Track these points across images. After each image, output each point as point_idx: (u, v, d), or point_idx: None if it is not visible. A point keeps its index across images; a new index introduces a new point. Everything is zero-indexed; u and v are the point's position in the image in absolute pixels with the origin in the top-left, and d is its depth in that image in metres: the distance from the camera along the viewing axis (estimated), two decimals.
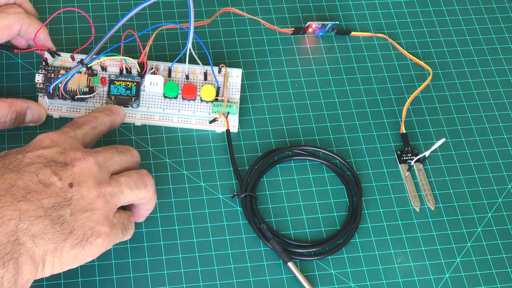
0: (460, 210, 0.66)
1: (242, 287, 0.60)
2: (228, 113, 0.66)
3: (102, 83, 0.65)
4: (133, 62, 0.65)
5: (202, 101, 0.66)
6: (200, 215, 0.63)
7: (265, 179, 0.65)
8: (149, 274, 0.60)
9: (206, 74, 0.67)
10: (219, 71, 0.68)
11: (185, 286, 0.59)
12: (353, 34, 0.74)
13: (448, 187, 0.67)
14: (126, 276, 0.59)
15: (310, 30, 0.73)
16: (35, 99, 0.65)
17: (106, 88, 0.65)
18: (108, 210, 0.52)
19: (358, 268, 0.62)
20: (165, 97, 0.66)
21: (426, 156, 0.65)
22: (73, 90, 0.64)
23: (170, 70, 0.67)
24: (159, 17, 0.73)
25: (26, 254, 0.48)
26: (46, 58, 0.65)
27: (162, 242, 0.61)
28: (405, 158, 0.67)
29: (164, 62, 0.67)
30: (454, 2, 0.78)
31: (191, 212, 0.63)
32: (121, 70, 0.66)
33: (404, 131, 0.68)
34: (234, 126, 0.66)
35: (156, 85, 0.65)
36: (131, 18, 0.59)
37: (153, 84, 0.65)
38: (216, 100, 0.66)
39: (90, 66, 0.64)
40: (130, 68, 0.66)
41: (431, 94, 0.71)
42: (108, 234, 0.52)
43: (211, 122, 0.66)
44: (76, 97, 0.64)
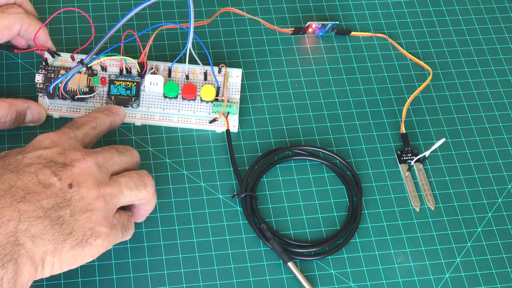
0: (460, 210, 0.66)
1: (242, 287, 0.60)
2: (228, 113, 0.66)
3: (102, 83, 0.65)
4: (133, 62, 0.65)
5: (202, 101, 0.66)
6: (200, 215, 0.63)
7: (265, 179, 0.65)
8: (149, 274, 0.60)
9: (206, 74, 0.67)
10: (219, 71, 0.68)
11: (185, 286, 0.59)
12: (353, 34, 0.74)
13: (448, 187, 0.67)
14: (126, 276, 0.59)
15: (310, 30, 0.73)
16: (35, 99, 0.65)
17: (106, 88, 0.65)
18: (107, 211, 0.52)
19: (358, 268, 0.62)
20: (165, 97, 0.66)
21: (426, 156, 0.65)
22: (73, 90, 0.64)
23: (170, 70, 0.67)
24: (159, 17, 0.72)
25: (25, 255, 0.48)
26: (46, 58, 0.65)
27: (162, 242, 0.61)
28: (405, 158, 0.67)
29: (164, 62, 0.67)
30: (454, 2, 0.78)
31: (191, 212, 0.63)
32: (121, 70, 0.66)
33: (404, 131, 0.68)
34: (234, 126, 0.66)
35: (156, 85, 0.65)
36: (131, 18, 0.59)
37: (153, 84, 0.65)
38: (216, 100, 0.66)
39: (90, 66, 0.64)
40: (130, 68, 0.66)
41: (431, 94, 0.71)
42: (107, 235, 0.52)
43: (211, 122, 0.66)
44: (76, 97, 0.64)
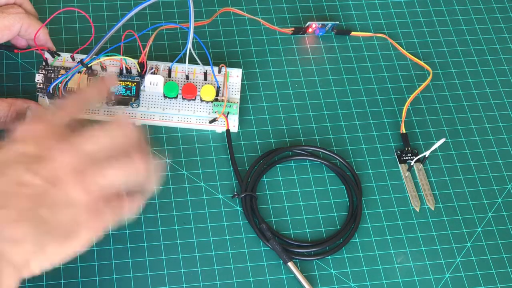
0: (460, 210, 0.65)
1: (242, 287, 0.60)
2: (228, 113, 0.66)
3: None
4: (133, 62, 0.65)
5: (202, 101, 0.66)
6: (200, 215, 0.63)
7: (265, 179, 0.65)
8: (149, 274, 0.60)
9: (206, 74, 0.67)
10: (219, 71, 0.68)
11: (185, 286, 0.59)
12: (353, 34, 0.74)
13: (448, 187, 0.67)
14: (126, 276, 0.59)
15: (310, 30, 0.73)
16: (35, 99, 0.65)
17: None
18: (91, 201, 0.49)
19: (358, 268, 0.62)
20: (165, 97, 0.66)
21: (426, 156, 0.65)
22: (73, 90, 0.64)
23: (170, 70, 0.67)
24: (159, 17, 0.72)
25: (6, 263, 0.45)
26: (46, 58, 0.65)
27: (162, 242, 0.61)
28: (405, 158, 0.67)
29: (164, 62, 0.67)
30: (454, 2, 0.78)
31: (191, 212, 0.63)
32: (121, 70, 0.66)
33: (404, 131, 0.68)
34: (234, 126, 0.66)
35: (156, 85, 0.65)
36: (131, 18, 0.59)
37: (153, 84, 0.65)
38: (216, 100, 0.66)
39: (90, 66, 0.64)
40: (130, 68, 0.66)
41: (431, 94, 0.71)
42: (93, 225, 0.49)
43: (211, 122, 0.66)
44: None
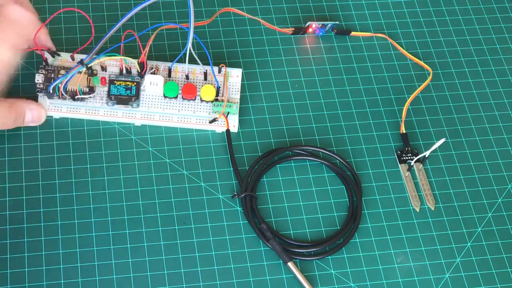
0: (460, 210, 0.65)
1: (242, 287, 0.60)
2: (228, 113, 0.66)
3: (102, 83, 0.65)
4: (133, 62, 0.65)
5: (202, 101, 0.66)
6: (200, 215, 0.63)
7: (265, 179, 0.65)
8: (149, 274, 0.59)
9: (206, 74, 0.67)
10: (219, 71, 0.68)
11: (185, 286, 0.59)
12: (353, 34, 0.74)
13: (448, 187, 0.67)
14: (126, 276, 0.59)
15: (310, 30, 0.73)
16: (35, 99, 0.65)
17: (106, 88, 0.65)
18: None
19: (358, 268, 0.62)
20: (165, 97, 0.66)
21: (426, 156, 0.65)
22: (73, 90, 0.64)
23: (170, 70, 0.67)
24: (159, 17, 0.72)
25: None
26: (46, 58, 0.65)
27: (162, 242, 0.61)
28: (405, 158, 0.67)
29: (164, 62, 0.67)
30: (454, 2, 0.78)
31: (191, 212, 0.63)
32: (121, 70, 0.66)
33: (404, 131, 0.68)
34: (234, 126, 0.66)
35: (156, 85, 0.65)
36: (131, 18, 0.59)
37: (153, 84, 0.65)
38: (216, 100, 0.66)
39: (90, 66, 0.64)
40: (130, 68, 0.66)
41: (431, 94, 0.71)
42: None
43: (211, 122, 0.66)
44: (76, 97, 0.64)
